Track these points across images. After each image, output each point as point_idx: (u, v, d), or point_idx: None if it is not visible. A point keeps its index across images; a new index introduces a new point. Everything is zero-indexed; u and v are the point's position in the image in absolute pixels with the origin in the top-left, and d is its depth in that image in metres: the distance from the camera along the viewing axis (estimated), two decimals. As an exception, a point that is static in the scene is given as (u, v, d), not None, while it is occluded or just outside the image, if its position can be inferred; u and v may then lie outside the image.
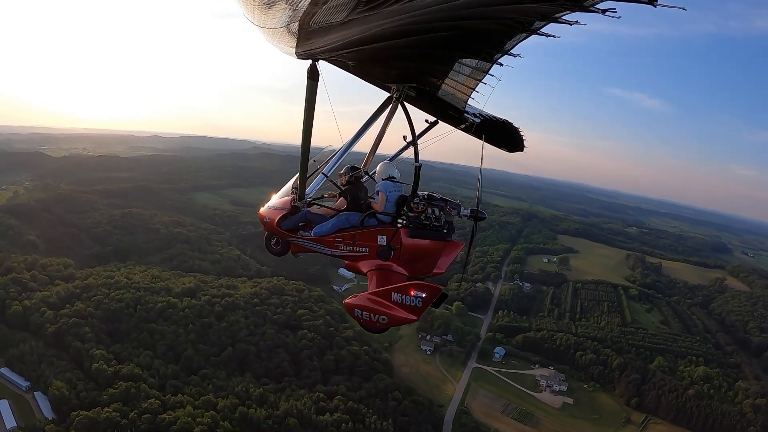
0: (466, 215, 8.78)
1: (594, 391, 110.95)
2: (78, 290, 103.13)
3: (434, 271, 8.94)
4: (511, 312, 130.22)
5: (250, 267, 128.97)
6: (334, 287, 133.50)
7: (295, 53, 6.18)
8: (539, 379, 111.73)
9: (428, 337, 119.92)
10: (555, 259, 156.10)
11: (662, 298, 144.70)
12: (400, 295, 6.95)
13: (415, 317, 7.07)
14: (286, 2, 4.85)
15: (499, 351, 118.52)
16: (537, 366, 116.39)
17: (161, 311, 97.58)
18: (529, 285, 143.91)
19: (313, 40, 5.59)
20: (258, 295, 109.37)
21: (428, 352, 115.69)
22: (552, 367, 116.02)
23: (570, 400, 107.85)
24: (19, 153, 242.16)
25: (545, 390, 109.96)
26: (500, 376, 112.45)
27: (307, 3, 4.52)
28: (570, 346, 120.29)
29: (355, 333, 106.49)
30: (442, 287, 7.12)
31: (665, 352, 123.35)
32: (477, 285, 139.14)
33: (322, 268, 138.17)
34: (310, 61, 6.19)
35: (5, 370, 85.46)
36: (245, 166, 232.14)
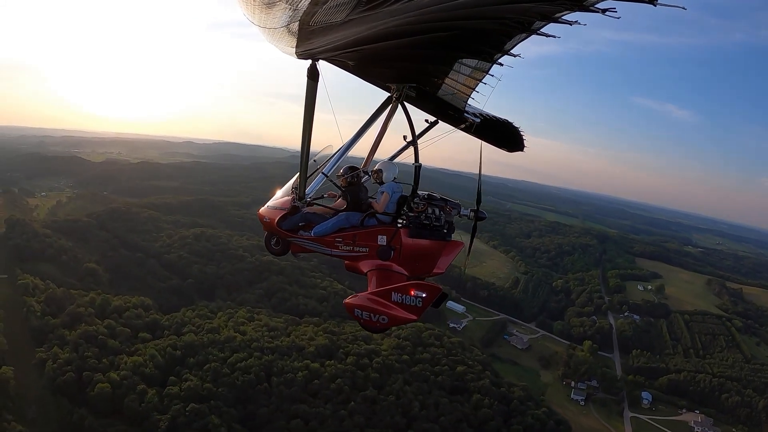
0: (466, 215, 7.57)
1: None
2: (179, 353, 67.58)
3: (434, 271, 7.49)
4: (645, 351, 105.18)
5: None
6: (451, 324, 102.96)
7: (295, 53, 5.32)
8: (694, 425, 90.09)
9: (573, 384, 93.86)
10: (650, 287, 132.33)
11: (763, 330, 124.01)
12: (400, 294, 5.96)
13: (415, 317, 5.98)
14: (287, 2, 4.27)
15: (647, 396, 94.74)
16: (684, 411, 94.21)
17: (305, 384, 64.15)
18: (638, 317, 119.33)
19: (313, 40, 4.87)
20: (402, 348, 77.61)
21: (581, 402, 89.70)
22: (698, 411, 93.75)
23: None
24: (55, 157, 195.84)
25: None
26: (659, 426, 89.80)
27: (307, 3, 4.03)
28: (714, 388, 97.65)
29: (521, 390, 78.18)
30: (442, 287, 6.08)
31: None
32: (595, 319, 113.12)
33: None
34: (310, 61, 5.30)
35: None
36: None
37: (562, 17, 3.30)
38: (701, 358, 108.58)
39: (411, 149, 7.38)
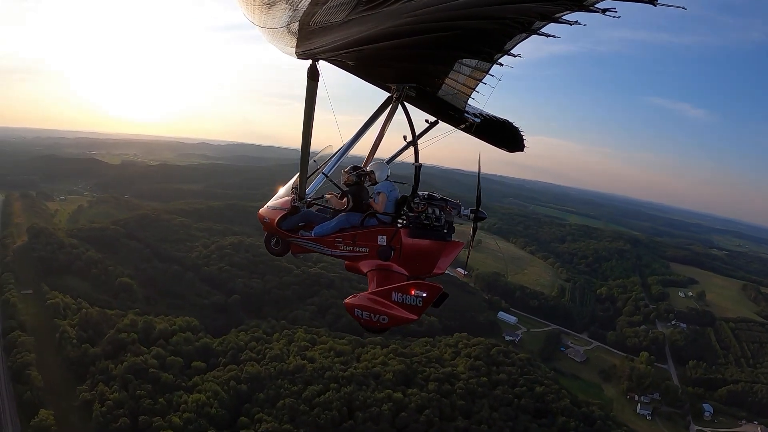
0: (466, 215, 7.17)
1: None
2: (244, 387, 56.99)
3: (434, 271, 7.08)
4: (701, 362, 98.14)
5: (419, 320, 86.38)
6: (508, 337, 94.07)
7: (295, 53, 5.07)
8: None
9: (637, 398, 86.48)
10: (691, 294, 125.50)
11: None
12: (400, 294, 5.64)
13: (415, 317, 5.65)
14: (287, 2, 4.07)
15: (708, 408, 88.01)
16: (744, 422, 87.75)
17: (392, 417, 54.40)
18: (685, 325, 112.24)
19: (313, 40, 4.67)
20: (477, 369, 68.47)
21: (648, 417, 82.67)
22: (756, 422, 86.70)
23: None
24: (72, 159, 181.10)
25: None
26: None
27: (307, 3, 3.84)
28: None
29: (599, 409, 70.69)
30: (442, 286, 5.71)
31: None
32: (644, 329, 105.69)
33: (485, 313, 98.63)
34: (310, 61, 5.04)
35: None
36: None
37: (562, 17, 3.14)
38: (753, 368, 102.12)
39: (411, 149, 6.94)
